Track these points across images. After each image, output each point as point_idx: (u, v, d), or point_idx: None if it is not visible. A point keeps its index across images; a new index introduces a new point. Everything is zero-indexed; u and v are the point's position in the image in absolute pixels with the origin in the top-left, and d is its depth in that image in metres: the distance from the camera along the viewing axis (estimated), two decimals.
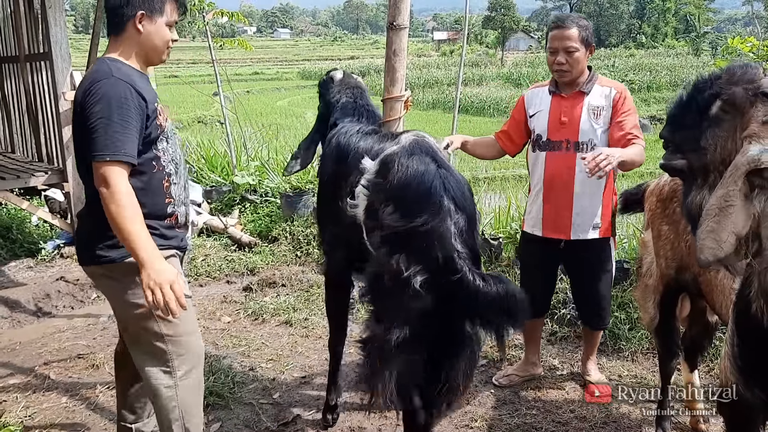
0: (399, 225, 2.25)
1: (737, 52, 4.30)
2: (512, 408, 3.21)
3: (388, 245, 2.27)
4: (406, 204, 2.27)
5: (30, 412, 3.21)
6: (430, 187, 2.28)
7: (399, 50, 3.00)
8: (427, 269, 2.18)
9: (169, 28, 2.28)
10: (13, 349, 3.93)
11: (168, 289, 2.00)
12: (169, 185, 2.30)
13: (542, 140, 3.17)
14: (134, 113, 2.10)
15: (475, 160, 14.29)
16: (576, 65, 3.06)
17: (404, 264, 2.19)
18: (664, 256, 2.70)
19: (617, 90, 3.10)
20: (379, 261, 2.30)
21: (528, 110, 3.27)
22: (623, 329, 3.78)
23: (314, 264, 5.28)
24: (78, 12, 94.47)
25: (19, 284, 4.89)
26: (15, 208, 5.90)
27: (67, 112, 5.36)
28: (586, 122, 3.06)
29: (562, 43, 3.05)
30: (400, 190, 2.31)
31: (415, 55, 56.57)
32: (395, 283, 2.21)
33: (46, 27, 5.28)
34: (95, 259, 2.22)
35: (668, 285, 2.73)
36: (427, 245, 2.20)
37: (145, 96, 2.17)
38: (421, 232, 2.21)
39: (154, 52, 2.28)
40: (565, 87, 3.15)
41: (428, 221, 2.21)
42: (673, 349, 2.91)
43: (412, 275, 2.17)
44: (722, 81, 1.82)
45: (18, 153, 6.56)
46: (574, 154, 3.06)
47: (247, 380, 3.50)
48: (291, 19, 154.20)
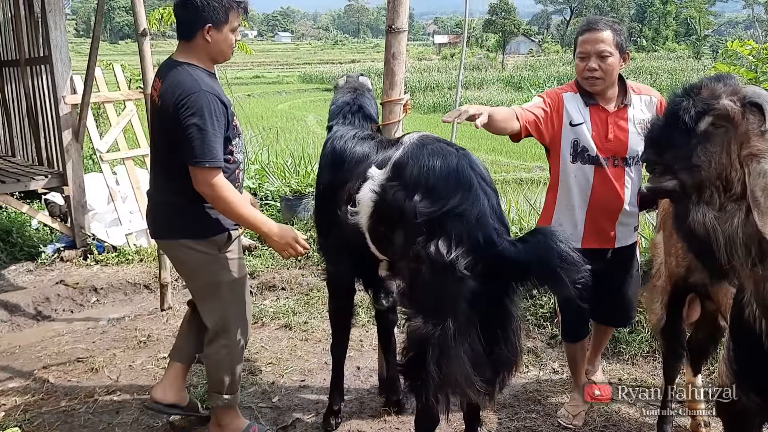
0: (433, 210, 2.21)
1: (737, 55, 4.30)
2: (512, 411, 3.20)
3: (424, 234, 2.22)
4: (435, 188, 2.24)
5: (29, 416, 3.21)
6: (457, 167, 2.26)
7: (398, 53, 3.00)
8: (469, 250, 2.15)
9: (232, 32, 2.59)
10: (13, 353, 3.93)
11: (295, 243, 2.58)
12: (239, 172, 2.73)
13: (587, 154, 2.88)
14: (222, 122, 2.49)
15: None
16: (609, 72, 2.78)
17: (445, 249, 2.16)
18: (675, 254, 2.69)
19: (656, 97, 2.92)
20: (416, 254, 2.24)
21: (569, 116, 2.90)
22: (623, 332, 3.77)
23: (314, 267, 5.27)
24: (79, 16, 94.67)
25: (18, 288, 4.89)
26: (15, 211, 5.90)
27: (67, 115, 5.37)
28: (635, 138, 2.82)
29: (595, 47, 2.77)
30: (425, 177, 2.28)
31: (416, 59, 56.68)
32: (438, 273, 2.18)
33: (46, 31, 5.29)
34: (178, 234, 2.65)
35: (676, 285, 2.71)
36: (465, 226, 2.17)
37: (225, 103, 2.54)
38: (457, 214, 2.18)
39: (221, 55, 2.63)
40: (601, 99, 2.87)
41: (463, 201, 2.19)
42: (678, 351, 2.89)
43: (455, 259, 2.14)
44: (705, 96, 1.79)
45: (18, 156, 6.58)
46: (623, 169, 2.89)
47: (247, 384, 3.49)
48: (292, 23, 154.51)
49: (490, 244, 2.15)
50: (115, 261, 5.36)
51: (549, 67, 40.48)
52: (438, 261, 2.17)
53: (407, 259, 2.32)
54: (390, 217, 2.39)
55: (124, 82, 6.28)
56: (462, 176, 2.24)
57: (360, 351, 3.85)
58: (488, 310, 2.24)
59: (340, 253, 2.83)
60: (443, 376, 2.20)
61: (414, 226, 2.25)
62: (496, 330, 2.28)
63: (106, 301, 4.81)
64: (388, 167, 2.45)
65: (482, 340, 2.23)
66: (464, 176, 2.24)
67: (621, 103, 2.88)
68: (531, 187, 7.73)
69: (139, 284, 4.97)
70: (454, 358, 2.18)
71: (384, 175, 2.44)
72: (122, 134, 6.02)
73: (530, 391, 3.40)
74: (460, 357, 2.18)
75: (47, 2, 5.20)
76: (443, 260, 2.15)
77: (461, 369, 2.19)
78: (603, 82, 2.80)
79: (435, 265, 2.18)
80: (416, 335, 2.25)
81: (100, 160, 5.79)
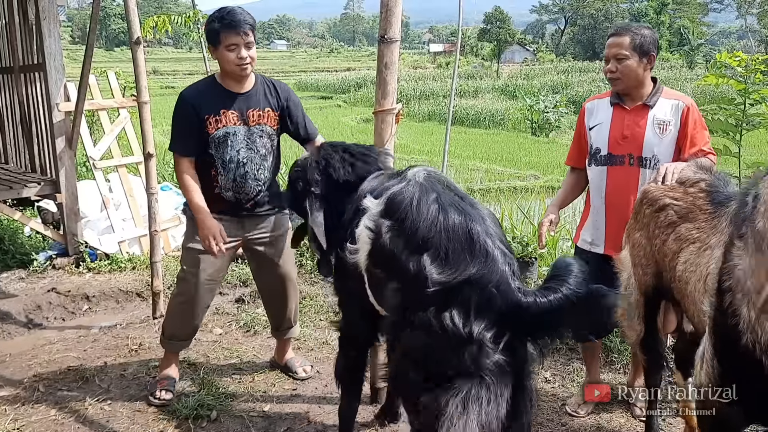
0: (448, 279, 1.99)
1: (727, 66, 4.34)
2: None
3: (435, 302, 2.00)
4: (449, 252, 2.03)
5: (18, 425, 3.19)
6: (470, 228, 2.06)
7: (390, 63, 3.01)
8: (492, 320, 1.96)
9: (230, 50, 3.03)
10: (3, 361, 3.90)
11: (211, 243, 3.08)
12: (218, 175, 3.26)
13: (601, 154, 3.03)
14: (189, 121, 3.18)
15: (469, 170, 14.39)
16: (627, 73, 2.93)
17: (460, 321, 1.96)
18: (640, 263, 2.70)
19: (686, 103, 2.96)
20: (425, 324, 2.01)
21: (588, 122, 3.13)
22: (615, 342, 3.78)
23: (307, 276, 5.27)
24: (75, 22, 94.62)
25: (10, 295, 4.86)
26: (7, 218, 5.88)
27: (60, 123, 5.37)
28: (652, 137, 2.94)
29: (611, 51, 2.96)
30: (437, 236, 2.05)
31: (411, 67, 56.81)
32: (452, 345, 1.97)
33: (40, 38, 5.28)
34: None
35: (647, 293, 2.71)
36: (486, 294, 1.97)
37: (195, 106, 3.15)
38: (475, 282, 1.98)
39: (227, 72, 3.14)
40: (628, 99, 3.02)
41: (481, 269, 1.99)
42: (659, 361, 2.89)
43: (475, 331, 1.94)
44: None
45: (11, 164, 6.55)
46: (637, 169, 2.96)
47: (238, 393, 3.48)
48: (288, 31, 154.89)
49: (516, 306, 1.96)
50: (108, 269, 5.34)
51: (544, 76, 40.66)
52: (453, 333, 1.97)
53: (407, 324, 2.09)
54: (386, 264, 2.20)
55: (118, 89, 6.28)
56: (476, 239, 2.04)
57: None
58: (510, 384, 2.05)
59: (353, 297, 2.56)
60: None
61: (421, 290, 2.03)
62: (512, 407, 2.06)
63: (98, 309, 4.79)
64: (383, 199, 2.26)
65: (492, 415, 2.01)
66: (478, 239, 2.04)
67: (643, 102, 2.99)
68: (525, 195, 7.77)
69: (132, 292, 4.95)
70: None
71: (378, 207, 2.25)
72: (116, 142, 6.01)
73: None
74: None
75: (42, 9, 5.20)
76: (459, 333, 1.96)
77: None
78: (621, 82, 2.98)
79: (449, 337, 1.97)
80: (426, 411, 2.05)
81: (93, 167, 5.78)
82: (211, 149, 3.15)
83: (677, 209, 2.48)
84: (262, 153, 3.24)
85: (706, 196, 2.41)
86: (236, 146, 3.17)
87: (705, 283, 2.14)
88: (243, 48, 3.02)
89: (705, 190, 2.44)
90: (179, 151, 3.16)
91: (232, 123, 3.15)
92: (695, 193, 2.46)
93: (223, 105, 3.12)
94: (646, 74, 2.99)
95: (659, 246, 2.53)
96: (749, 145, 5.18)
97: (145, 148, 4.38)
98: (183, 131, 3.15)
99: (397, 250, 2.12)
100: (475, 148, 18.38)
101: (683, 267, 2.34)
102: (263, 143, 3.24)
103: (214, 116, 3.11)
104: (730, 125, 4.28)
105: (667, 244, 2.48)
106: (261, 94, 3.23)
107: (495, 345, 1.97)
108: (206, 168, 3.19)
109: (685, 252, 2.35)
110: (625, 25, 3.15)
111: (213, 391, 3.44)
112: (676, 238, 2.42)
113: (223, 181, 3.21)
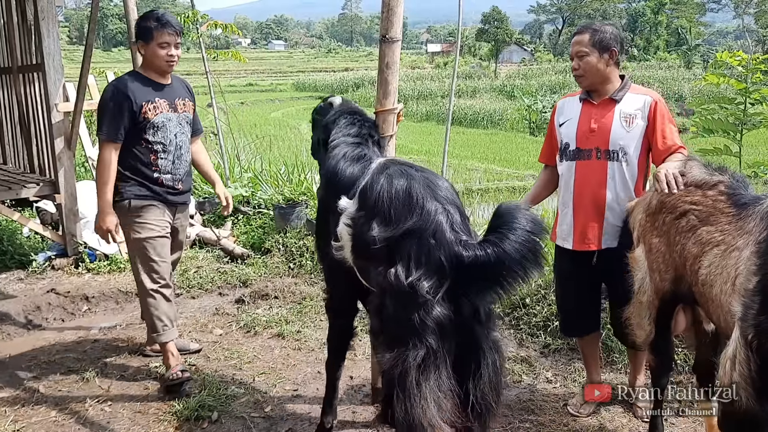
0: (388, 235, 2.17)
1: (727, 65, 4.34)
2: (505, 421, 3.19)
3: (383, 261, 2.16)
4: (390, 213, 2.20)
5: (19, 426, 3.18)
6: (409, 188, 2.22)
7: (391, 63, 3.00)
8: (431, 270, 2.07)
9: (161, 48, 3.41)
10: (3, 362, 3.89)
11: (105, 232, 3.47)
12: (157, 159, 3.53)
13: (570, 149, 3.09)
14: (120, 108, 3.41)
15: (468, 170, 14.38)
16: (588, 69, 3.00)
17: (403, 273, 2.08)
18: (658, 269, 2.69)
19: (653, 98, 3.02)
20: (377, 283, 2.18)
21: (558, 119, 3.21)
22: (616, 342, 3.77)
23: (307, 276, 5.26)
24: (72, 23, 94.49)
25: (9, 296, 4.85)
26: (6, 219, 5.87)
27: (59, 123, 5.35)
28: (618, 129, 2.99)
29: (574, 49, 3.06)
30: (381, 202, 2.25)
31: (409, 67, 56.82)
32: (398, 299, 2.09)
33: (39, 38, 5.27)
34: None
35: (664, 298, 2.71)
36: (423, 246, 2.09)
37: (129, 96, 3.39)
38: (412, 233, 2.12)
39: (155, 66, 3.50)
40: (595, 95, 3.08)
41: (417, 221, 2.13)
42: (668, 363, 2.89)
43: (415, 282, 2.06)
44: None
45: (10, 164, 6.54)
46: (605, 163, 3.00)
47: (239, 393, 3.47)
48: (285, 31, 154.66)
49: (456, 258, 2.06)
50: (107, 269, 5.33)
51: (541, 76, 40.69)
52: (397, 286, 2.08)
53: (373, 291, 2.24)
54: (361, 249, 2.34)
55: None
56: (415, 196, 2.18)
57: (353, 360, 3.83)
58: (460, 341, 2.14)
59: (338, 276, 2.73)
60: (409, 419, 2.07)
61: (375, 254, 2.19)
62: (469, 365, 2.17)
63: (97, 310, 4.78)
64: (356, 197, 2.41)
65: (452, 376, 2.11)
66: (417, 196, 2.18)
67: (609, 97, 3.04)
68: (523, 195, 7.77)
69: (131, 293, 4.94)
70: (417, 398, 2.05)
71: (354, 206, 2.40)
72: None
73: (523, 401, 3.40)
74: (425, 398, 2.05)
75: (40, 10, 5.19)
76: (402, 285, 2.07)
77: (426, 412, 2.05)
78: (585, 78, 3.05)
79: (395, 292, 2.10)
80: (384, 372, 2.17)
81: (92, 167, 5.76)
82: (148, 135, 3.46)
83: (697, 213, 2.46)
84: (188, 137, 3.69)
85: (726, 199, 2.39)
86: (173, 130, 3.55)
87: (734, 284, 2.14)
88: (173, 47, 3.47)
89: (725, 193, 2.42)
90: (111, 137, 3.38)
91: (165, 110, 3.52)
92: (715, 196, 2.44)
93: (155, 94, 3.50)
94: (610, 69, 3.04)
95: (680, 252, 2.51)
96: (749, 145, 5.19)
97: None
98: (116, 118, 3.37)
99: (364, 233, 2.29)
100: (473, 148, 18.39)
101: (707, 270, 2.33)
102: (188, 129, 3.69)
103: (150, 103, 3.46)
104: (730, 125, 4.28)
105: (687, 249, 2.46)
106: (180, 87, 3.71)
107: (434, 295, 2.06)
108: (146, 153, 3.48)
109: (708, 255, 2.34)
110: (587, 23, 3.21)
111: (214, 392, 3.43)
112: (697, 241, 2.41)
113: (163, 163, 3.53)
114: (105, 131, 3.38)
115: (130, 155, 3.46)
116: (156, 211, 3.53)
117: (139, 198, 3.49)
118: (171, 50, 3.46)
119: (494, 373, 2.22)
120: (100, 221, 3.45)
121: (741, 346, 2.03)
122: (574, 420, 3.20)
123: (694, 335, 2.90)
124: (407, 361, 2.07)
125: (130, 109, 3.39)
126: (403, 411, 2.08)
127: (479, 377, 2.18)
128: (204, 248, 5.93)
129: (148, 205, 3.51)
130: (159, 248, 3.54)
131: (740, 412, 2.03)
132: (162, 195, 3.55)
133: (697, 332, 2.88)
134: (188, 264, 5.49)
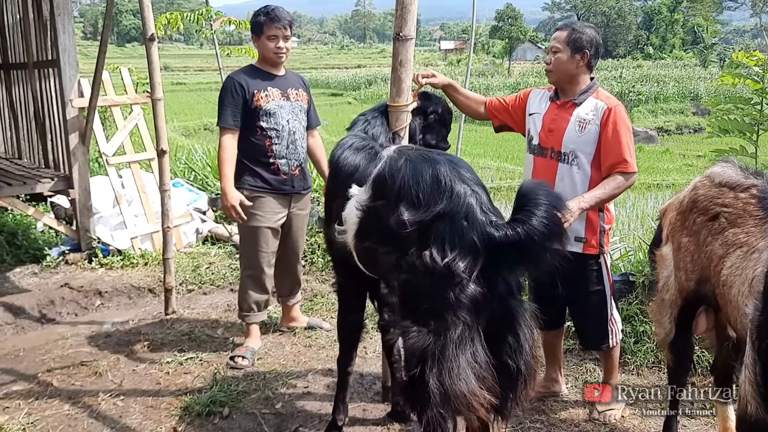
0: (421, 219, 2.18)
1: (743, 65, 4.29)
2: (515, 421, 3.18)
3: (415, 244, 2.18)
4: (419, 197, 2.22)
5: (32, 419, 3.21)
6: (436, 172, 2.24)
7: (405, 61, 2.98)
8: (466, 251, 2.11)
9: (270, 40, 3.68)
10: (17, 356, 3.93)
11: (230, 209, 3.65)
12: (272, 144, 3.80)
13: (533, 143, 3.18)
14: (236, 98, 3.76)
15: (480, 168, 14.30)
16: (557, 66, 3.05)
17: (439, 255, 2.11)
18: (684, 268, 2.67)
19: (608, 105, 2.99)
20: (409, 264, 2.19)
21: (529, 106, 3.25)
22: (629, 343, 3.75)
23: (318, 273, 5.27)
24: (87, 19, 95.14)
25: (23, 290, 4.89)
26: (20, 214, 5.92)
27: (74, 119, 5.39)
28: (571, 133, 3.02)
29: (551, 43, 3.14)
30: (407, 188, 2.25)
31: (422, 65, 56.66)
32: (434, 280, 2.12)
33: (54, 34, 5.31)
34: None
35: (687, 298, 2.69)
36: (457, 227, 2.13)
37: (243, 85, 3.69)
38: (444, 215, 2.15)
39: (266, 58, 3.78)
40: (561, 95, 3.13)
41: (448, 203, 2.17)
42: (686, 364, 2.88)
43: (451, 263, 2.10)
44: None
45: (25, 159, 6.60)
46: (556, 163, 3.05)
47: (250, 390, 3.49)
48: (298, 28, 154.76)
49: (488, 238, 2.11)
50: (120, 265, 5.36)
51: None
52: (434, 268, 2.12)
53: (399, 271, 2.25)
54: (375, 235, 2.36)
55: (131, 85, 6.29)
56: (443, 180, 2.22)
57: (364, 358, 3.83)
58: (496, 316, 2.19)
59: (348, 265, 2.73)
60: (445, 391, 2.10)
61: (403, 238, 2.20)
62: (506, 339, 2.22)
63: (110, 305, 4.81)
64: (368, 184, 2.42)
65: (489, 350, 2.16)
66: (445, 179, 2.22)
67: (572, 99, 3.07)
68: None
69: (144, 288, 4.97)
70: (456, 370, 2.10)
71: (366, 194, 2.42)
72: (129, 138, 6.04)
73: (534, 401, 3.38)
74: (463, 369, 2.10)
75: (56, 6, 5.22)
76: (438, 266, 2.11)
77: (465, 382, 2.09)
78: (553, 74, 3.10)
79: (431, 273, 2.13)
80: (414, 348, 2.18)
81: (106, 163, 5.80)
82: (262, 121, 3.70)
83: (727, 216, 2.45)
84: (304, 124, 3.89)
85: (757, 202, 2.38)
86: (285, 116, 3.76)
87: (750, 285, 2.13)
88: (281, 39, 3.69)
89: (756, 196, 2.41)
90: (228, 124, 3.65)
91: (277, 98, 3.75)
92: (746, 199, 2.43)
93: (267, 83, 3.74)
94: (580, 71, 3.05)
95: (708, 253, 2.50)
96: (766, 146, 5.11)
97: (158, 144, 4.39)
98: (232, 107, 3.65)
99: (383, 220, 2.29)
100: (486, 146, 18.30)
101: (728, 271, 2.32)
102: (303, 117, 3.89)
103: (262, 91, 3.70)
104: (746, 125, 4.24)
105: (714, 249, 2.46)
106: (294, 78, 3.95)
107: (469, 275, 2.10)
108: (262, 139, 3.73)
109: (732, 256, 2.33)
110: (571, 21, 3.25)
111: (225, 388, 3.44)
112: (723, 242, 2.40)
113: (277, 149, 3.75)
114: (221, 118, 3.66)
115: (249, 145, 3.72)
116: (266, 202, 3.78)
117: (253, 188, 3.73)
118: (279, 42, 3.69)
119: (534, 344, 2.30)
120: (224, 200, 3.64)
121: (750, 349, 2.02)
122: (586, 420, 3.19)
123: (715, 338, 2.88)
124: (443, 335, 2.12)
125: (243, 97, 3.65)
126: (438, 383, 2.11)
127: (520, 348, 2.24)
128: (216, 244, 5.95)
129: (259, 197, 3.75)
130: (262, 238, 3.81)
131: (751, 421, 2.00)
132: (275, 185, 3.78)
133: (719, 336, 2.85)
134: (200, 260, 5.51)
